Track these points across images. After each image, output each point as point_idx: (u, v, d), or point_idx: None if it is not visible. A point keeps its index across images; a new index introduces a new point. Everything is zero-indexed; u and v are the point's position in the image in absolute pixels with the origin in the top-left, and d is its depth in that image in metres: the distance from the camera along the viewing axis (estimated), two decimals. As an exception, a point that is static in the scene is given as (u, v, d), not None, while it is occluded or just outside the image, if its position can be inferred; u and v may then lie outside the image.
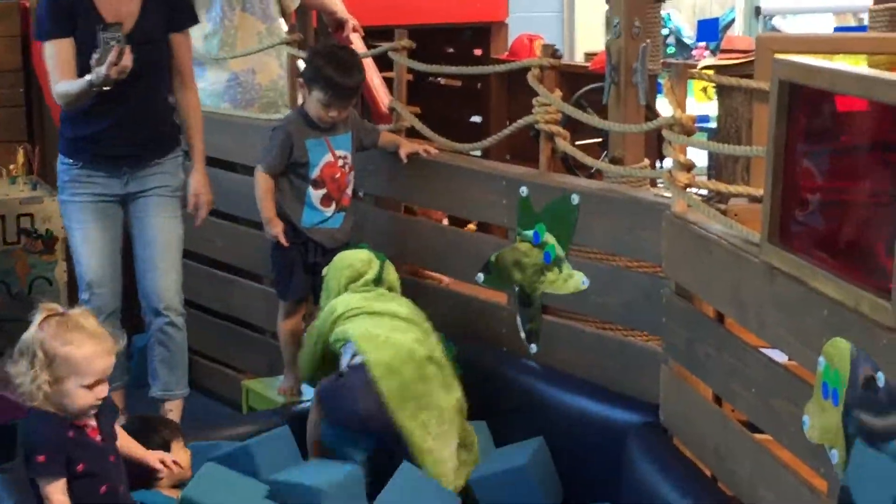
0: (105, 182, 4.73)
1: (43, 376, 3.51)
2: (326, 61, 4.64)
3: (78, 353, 3.52)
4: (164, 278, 4.76)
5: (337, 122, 4.70)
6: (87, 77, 4.46)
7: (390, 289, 4.52)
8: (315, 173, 4.68)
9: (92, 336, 3.56)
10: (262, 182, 4.68)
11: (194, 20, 4.93)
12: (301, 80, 4.76)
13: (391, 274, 4.55)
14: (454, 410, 4.24)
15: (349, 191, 4.77)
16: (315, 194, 4.70)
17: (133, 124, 4.68)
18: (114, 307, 4.76)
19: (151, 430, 4.15)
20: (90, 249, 4.73)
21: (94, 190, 4.73)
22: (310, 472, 4.13)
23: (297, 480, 4.05)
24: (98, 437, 3.62)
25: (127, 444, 3.85)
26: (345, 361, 4.28)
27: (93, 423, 3.62)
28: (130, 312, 4.97)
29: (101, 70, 4.39)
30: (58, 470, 3.52)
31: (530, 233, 4.38)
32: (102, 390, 3.57)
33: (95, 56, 4.42)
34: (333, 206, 4.73)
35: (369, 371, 4.15)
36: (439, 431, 4.17)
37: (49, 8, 4.64)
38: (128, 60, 4.39)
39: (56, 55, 4.61)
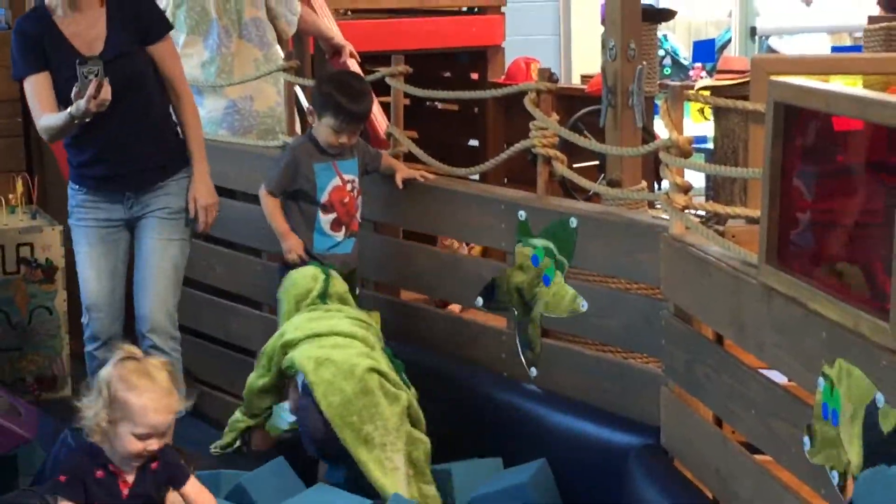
0: (108, 207, 4.75)
1: (102, 413, 3.59)
2: (336, 87, 4.68)
3: (137, 400, 3.59)
4: (152, 300, 4.74)
5: (345, 148, 4.72)
6: (69, 110, 4.47)
7: (341, 300, 4.54)
8: (324, 197, 4.70)
9: (156, 389, 3.62)
10: (268, 200, 4.72)
11: (168, 27, 4.91)
12: (310, 106, 4.78)
13: (338, 286, 4.56)
14: (399, 419, 4.27)
15: (358, 216, 4.79)
16: (325, 219, 4.72)
17: (124, 141, 4.68)
18: (112, 333, 4.75)
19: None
20: (91, 274, 4.75)
21: (99, 215, 4.76)
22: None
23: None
24: (125, 491, 3.64)
25: None
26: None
27: (130, 476, 3.66)
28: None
29: (81, 104, 4.40)
30: (75, 494, 3.58)
31: (530, 252, 4.38)
32: (153, 444, 3.61)
33: (75, 89, 4.43)
34: (343, 230, 4.74)
35: (312, 393, 4.21)
36: (384, 441, 4.21)
37: (19, 46, 4.66)
38: (107, 94, 4.40)
39: (34, 91, 4.64)
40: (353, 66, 6.15)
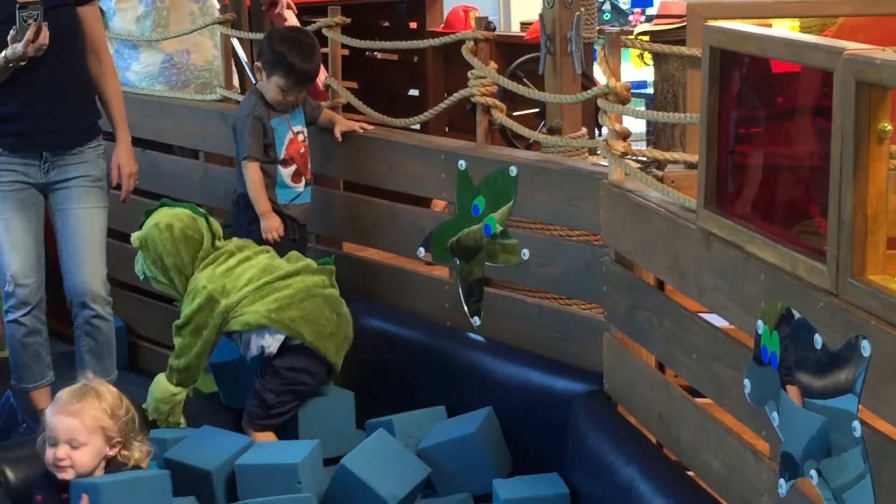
0: (25, 170, 4.66)
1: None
2: (289, 46, 4.64)
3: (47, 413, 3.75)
4: (88, 270, 4.69)
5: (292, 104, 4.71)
6: (3, 52, 4.42)
7: (218, 237, 4.53)
8: (282, 153, 4.70)
9: (62, 397, 3.74)
10: (254, 174, 4.64)
11: None
12: (258, 63, 4.73)
13: (215, 223, 4.55)
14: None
15: (309, 164, 4.78)
16: (285, 172, 4.71)
17: (49, 96, 4.61)
18: (38, 298, 4.71)
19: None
20: (13, 241, 4.66)
21: (14, 178, 4.66)
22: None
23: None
24: None
25: None
26: (256, 346, 4.37)
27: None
28: (61, 303, 4.92)
29: (18, 47, 4.38)
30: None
31: (469, 205, 4.38)
32: (61, 451, 3.67)
33: (12, 32, 4.38)
34: (303, 180, 4.75)
35: (303, 341, 4.34)
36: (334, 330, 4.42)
37: None
38: (45, 38, 4.38)
39: None
40: (291, 17, 6.10)
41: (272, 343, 4.38)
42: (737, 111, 3.10)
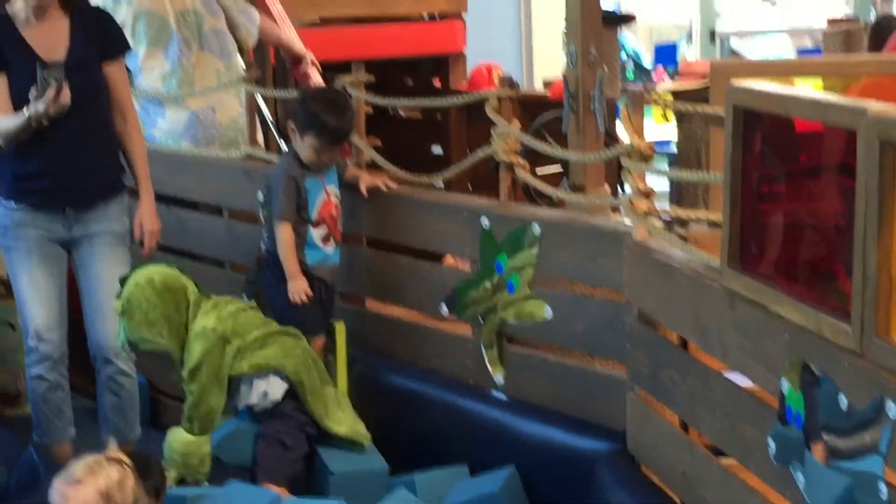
0: (48, 226, 4.69)
1: None
2: (322, 106, 4.63)
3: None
4: (111, 326, 4.69)
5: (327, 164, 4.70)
6: (25, 112, 4.45)
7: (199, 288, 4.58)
8: (314, 213, 4.68)
9: (64, 476, 3.65)
10: (286, 235, 4.63)
11: (126, 47, 4.93)
12: (292, 124, 4.71)
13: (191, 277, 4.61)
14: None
15: (339, 225, 4.78)
16: (316, 233, 4.69)
17: (73, 152, 4.64)
18: (61, 353, 4.73)
19: (150, 473, 4.08)
20: (36, 295, 4.68)
21: (38, 233, 4.69)
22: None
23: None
24: None
25: None
26: (258, 393, 4.45)
27: None
28: (83, 358, 4.93)
29: (40, 106, 4.40)
30: None
31: (492, 262, 4.38)
32: None
33: (34, 92, 4.41)
34: (332, 242, 4.73)
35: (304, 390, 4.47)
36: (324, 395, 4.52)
37: None
38: (66, 99, 4.41)
39: None
40: (315, 75, 6.14)
41: (277, 389, 4.42)
42: (760, 170, 3.10)
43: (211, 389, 4.40)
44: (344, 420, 4.59)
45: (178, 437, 4.47)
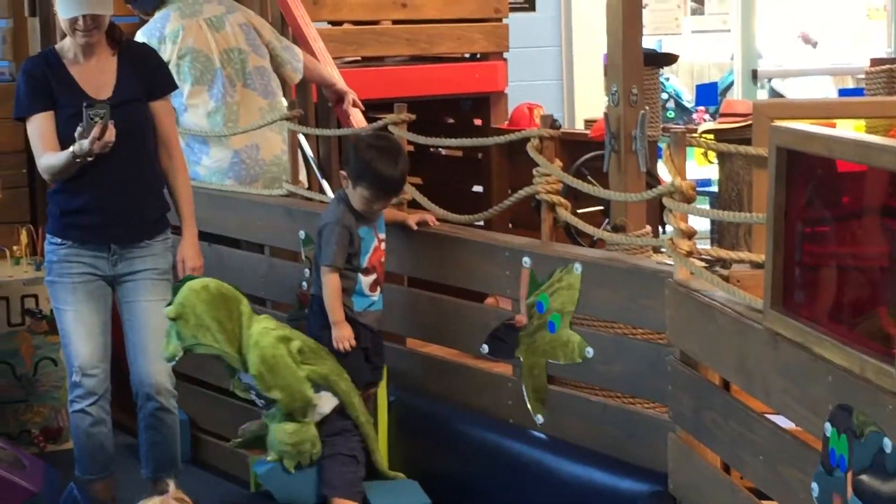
0: (93, 262, 4.73)
1: None
2: (375, 155, 4.54)
3: None
4: (154, 362, 4.72)
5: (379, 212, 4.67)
6: (71, 148, 4.50)
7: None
8: (365, 261, 4.62)
9: None
10: (334, 283, 4.55)
11: (172, 85, 4.98)
12: (344, 172, 4.64)
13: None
14: None
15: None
16: (365, 281, 4.63)
17: (118, 189, 4.69)
18: (104, 389, 4.75)
19: None
20: (81, 332, 4.71)
21: (83, 270, 4.72)
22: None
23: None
24: None
25: None
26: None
27: None
28: (124, 394, 4.95)
29: (85, 144, 4.45)
30: None
31: (534, 302, 4.37)
32: None
33: (79, 129, 4.46)
34: (378, 289, 4.69)
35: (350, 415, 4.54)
36: None
37: (27, 85, 4.69)
38: (111, 136, 4.45)
39: (38, 130, 4.66)
40: (357, 115, 6.17)
41: (327, 404, 4.46)
42: (803, 211, 3.09)
43: (294, 383, 4.40)
44: (383, 456, 4.61)
45: (283, 429, 4.44)
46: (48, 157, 4.62)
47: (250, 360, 4.41)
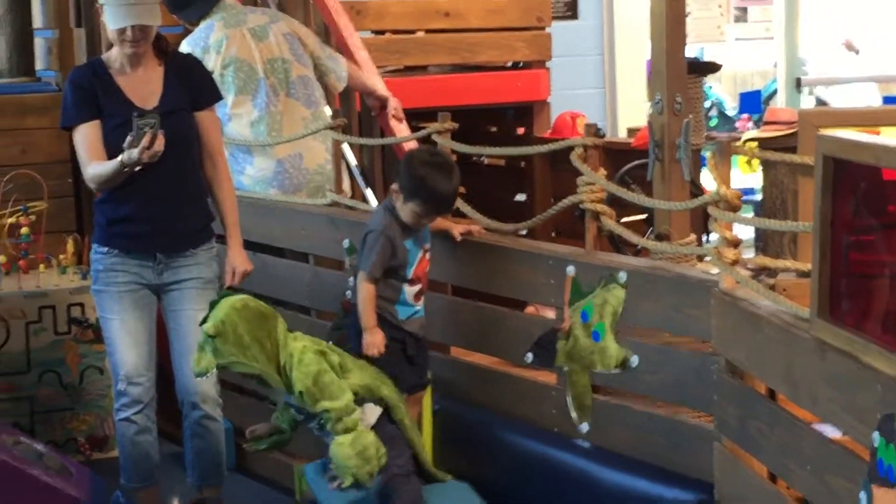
0: (139, 271, 4.76)
1: None
2: (429, 171, 4.54)
3: None
4: None
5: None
6: (119, 158, 4.52)
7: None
8: (411, 273, 4.64)
9: None
10: (367, 290, 4.57)
11: (217, 97, 5.01)
12: (395, 187, 4.62)
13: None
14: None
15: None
16: (410, 291, 4.65)
17: (164, 199, 4.72)
18: (150, 397, 4.78)
19: None
20: (127, 340, 4.74)
21: (129, 279, 4.76)
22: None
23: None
24: None
25: None
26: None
27: None
28: (169, 403, 4.98)
29: (134, 153, 4.47)
30: None
31: (579, 312, 4.37)
32: None
33: (129, 139, 4.48)
34: (422, 299, 4.71)
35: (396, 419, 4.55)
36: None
37: (74, 94, 4.73)
38: (160, 146, 4.47)
39: (84, 139, 4.70)
40: (396, 125, 6.18)
41: (372, 415, 4.46)
42: (849, 219, 3.08)
43: (341, 393, 4.38)
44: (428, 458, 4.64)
45: (342, 443, 4.37)
46: (95, 167, 4.65)
47: (294, 378, 4.38)
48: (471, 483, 4.63)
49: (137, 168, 4.54)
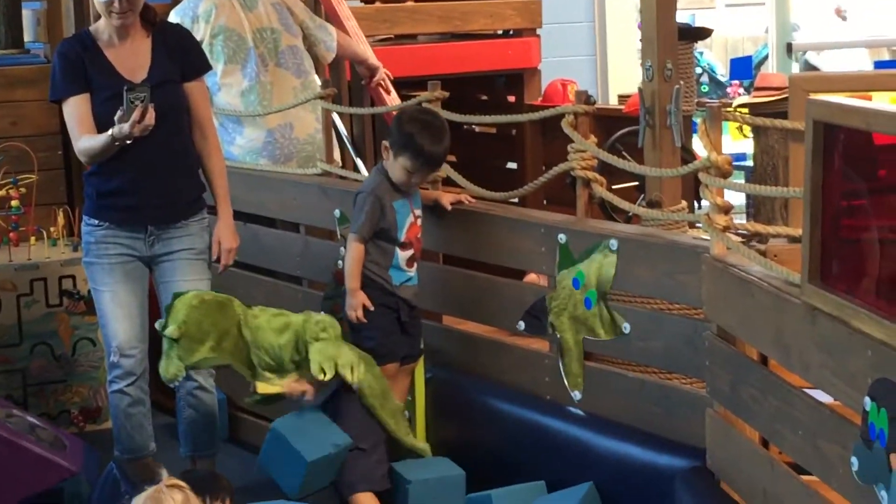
0: (130, 243, 4.74)
1: None
2: (419, 128, 4.57)
3: None
4: None
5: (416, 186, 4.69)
6: (110, 131, 4.51)
7: None
8: (402, 235, 4.64)
9: None
10: (356, 251, 4.58)
11: (207, 66, 4.99)
12: (385, 143, 4.65)
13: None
14: None
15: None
16: (402, 255, 4.65)
17: (155, 171, 4.70)
18: (142, 369, 4.77)
19: (216, 490, 4.10)
20: (119, 312, 4.73)
21: (120, 251, 4.74)
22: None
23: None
24: None
25: None
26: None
27: None
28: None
29: (125, 127, 4.45)
30: None
31: (570, 279, 4.37)
32: None
33: (119, 113, 4.46)
34: (415, 266, 4.71)
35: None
36: None
37: (62, 67, 4.70)
38: (151, 119, 4.45)
39: (74, 112, 4.68)
40: (390, 96, 6.17)
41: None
42: (840, 184, 3.07)
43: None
44: (409, 432, 4.66)
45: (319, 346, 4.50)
46: (86, 140, 4.64)
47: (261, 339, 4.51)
48: (463, 451, 4.64)
49: (128, 142, 4.52)
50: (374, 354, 4.61)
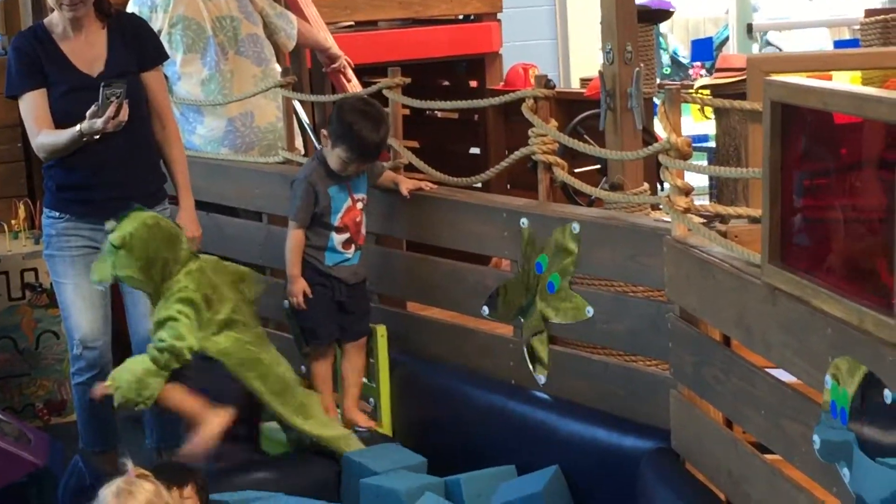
0: (92, 235, 4.71)
1: None
2: (357, 117, 4.60)
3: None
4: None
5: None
6: (78, 127, 4.47)
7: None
8: (337, 220, 4.68)
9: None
10: (295, 238, 4.67)
11: (164, 56, 4.98)
12: (325, 131, 4.70)
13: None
14: None
15: (363, 229, 4.78)
16: (338, 238, 4.71)
17: (116, 163, 4.67)
18: (106, 361, 4.75)
19: (181, 479, 4.09)
20: (81, 305, 4.71)
21: (82, 243, 4.72)
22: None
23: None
24: None
25: None
26: None
27: None
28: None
29: (98, 123, 4.42)
30: None
31: (533, 262, 4.37)
32: None
33: (93, 108, 4.43)
34: (353, 247, 4.74)
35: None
36: None
37: (18, 62, 4.67)
38: (125, 115, 4.42)
39: (31, 108, 4.65)
40: (351, 77, 6.15)
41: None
42: (799, 164, 3.08)
43: (190, 335, 4.42)
44: (328, 424, 4.62)
45: (135, 360, 4.43)
46: (46, 136, 4.60)
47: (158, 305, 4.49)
48: (429, 436, 4.65)
49: (96, 137, 4.49)
50: (313, 334, 4.68)
